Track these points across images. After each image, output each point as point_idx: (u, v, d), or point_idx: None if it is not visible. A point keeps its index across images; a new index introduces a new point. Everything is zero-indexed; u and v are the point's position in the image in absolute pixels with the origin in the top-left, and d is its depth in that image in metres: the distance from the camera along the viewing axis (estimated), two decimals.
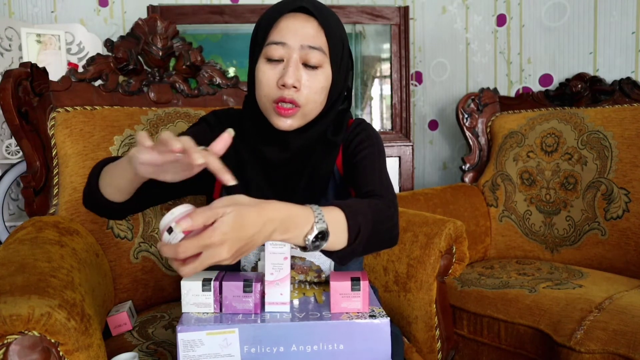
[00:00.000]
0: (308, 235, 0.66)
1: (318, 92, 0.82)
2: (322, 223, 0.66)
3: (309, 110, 0.83)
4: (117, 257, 1.20)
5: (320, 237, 0.66)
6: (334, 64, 0.83)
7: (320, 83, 0.82)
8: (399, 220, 0.82)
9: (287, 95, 0.80)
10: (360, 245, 0.72)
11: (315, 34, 0.81)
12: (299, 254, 0.94)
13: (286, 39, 0.80)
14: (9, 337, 0.68)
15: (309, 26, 0.80)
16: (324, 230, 0.66)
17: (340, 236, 0.70)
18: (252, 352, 0.78)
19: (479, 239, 1.83)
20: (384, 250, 0.82)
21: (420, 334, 1.20)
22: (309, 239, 0.66)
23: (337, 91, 0.86)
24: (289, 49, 0.80)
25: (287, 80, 0.79)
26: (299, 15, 0.81)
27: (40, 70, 1.18)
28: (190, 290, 0.82)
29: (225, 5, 2.07)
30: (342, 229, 0.70)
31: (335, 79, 0.84)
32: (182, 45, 1.44)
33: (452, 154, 2.41)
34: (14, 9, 2.18)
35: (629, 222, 1.56)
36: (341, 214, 0.70)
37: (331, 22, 0.83)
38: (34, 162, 1.17)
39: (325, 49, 0.82)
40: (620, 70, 1.86)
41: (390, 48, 2.16)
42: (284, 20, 0.81)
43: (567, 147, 1.75)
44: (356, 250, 0.73)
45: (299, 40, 0.80)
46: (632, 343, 1.10)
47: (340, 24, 0.86)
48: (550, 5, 2.03)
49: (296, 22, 0.81)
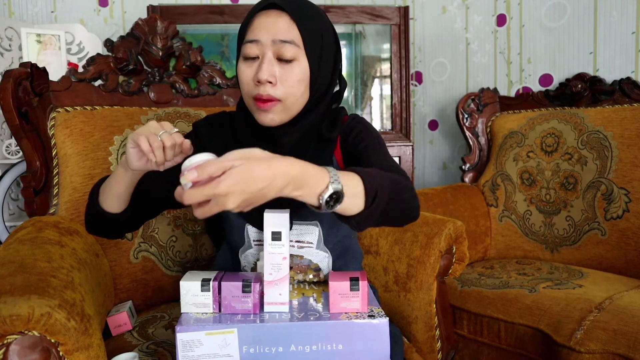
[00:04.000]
0: (323, 194, 0.66)
1: (295, 86, 0.82)
2: (337, 184, 0.66)
3: (291, 104, 0.84)
4: (117, 257, 1.20)
5: (335, 198, 0.66)
6: (311, 56, 0.83)
7: (296, 76, 0.82)
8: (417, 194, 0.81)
9: (263, 92, 0.81)
10: (378, 210, 0.71)
11: (287, 28, 0.81)
12: (297, 253, 0.94)
13: (259, 36, 0.81)
14: (9, 337, 0.68)
15: (281, 21, 0.81)
16: (339, 191, 0.66)
17: (357, 199, 0.69)
18: (251, 352, 0.78)
19: (479, 239, 1.83)
20: (406, 224, 0.83)
21: (420, 334, 1.20)
22: (324, 198, 0.66)
23: (320, 84, 0.86)
24: (262, 45, 0.82)
25: (260, 76, 0.80)
26: (271, 12, 0.82)
27: (40, 70, 1.18)
28: (189, 290, 0.82)
29: (225, 5, 2.06)
30: (358, 192, 0.69)
31: (315, 72, 0.84)
32: (182, 45, 1.44)
33: (452, 154, 2.41)
34: (14, 9, 2.19)
35: (629, 222, 1.56)
36: (357, 178, 0.70)
37: (305, 14, 0.83)
38: (34, 162, 1.17)
39: (299, 41, 0.82)
40: (620, 70, 1.86)
41: (390, 48, 2.16)
42: (257, 18, 0.83)
43: (567, 147, 1.75)
44: (373, 215, 0.71)
45: (271, 35, 0.81)
46: (632, 343, 1.10)
47: (319, 16, 0.86)
48: (550, 5, 2.03)
49: (268, 18, 0.82)
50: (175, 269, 1.29)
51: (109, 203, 0.87)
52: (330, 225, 0.93)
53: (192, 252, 1.32)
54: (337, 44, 0.90)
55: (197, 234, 1.33)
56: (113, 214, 0.89)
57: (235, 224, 0.94)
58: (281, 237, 0.83)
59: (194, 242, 1.33)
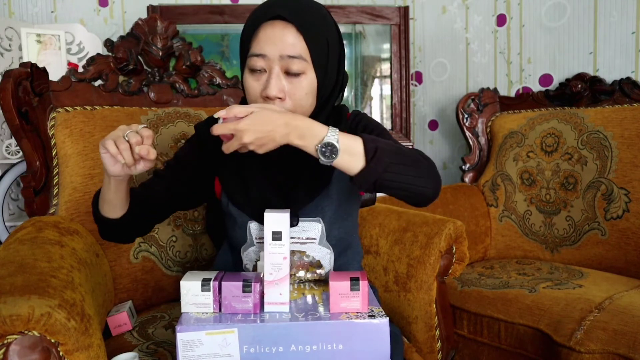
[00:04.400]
0: (318, 145, 0.75)
1: (304, 98, 0.84)
2: (333, 138, 0.75)
3: (300, 114, 0.84)
4: (117, 257, 1.20)
5: (330, 150, 0.75)
6: (318, 68, 0.84)
7: (304, 89, 0.83)
8: (437, 171, 0.83)
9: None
10: (380, 169, 0.75)
11: (294, 42, 0.81)
12: (299, 249, 0.94)
13: (265, 50, 0.81)
14: (9, 337, 0.68)
15: (287, 34, 0.81)
16: (333, 144, 0.74)
17: (357, 157, 0.76)
18: (251, 352, 0.78)
19: (479, 239, 1.83)
20: (425, 200, 0.83)
21: (420, 334, 1.20)
22: (318, 147, 0.75)
23: (327, 89, 0.88)
24: (269, 60, 0.81)
25: (269, 92, 0.81)
26: (276, 24, 0.81)
27: (40, 70, 1.18)
28: (190, 290, 0.82)
29: (225, 5, 2.06)
30: (358, 151, 0.76)
31: (322, 81, 0.85)
32: (182, 45, 1.44)
33: (452, 154, 2.41)
34: (14, 9, 2.19)
35: (629, 222, 1.56)
36: (359, 139, 0.77)
37: (311, 24, 0.82)
38: (34, 162, 1.17)
39: (306, 55, 0.82)
40: (620, 70, 1.86)
41: (390, 48, 2.16)
42: (262, 30, 0.82)
43: (567, 147, 1.75)
44: (375, 171, 0.76)
45: (278, 50, 0.81)
46: (632, 343, 1.10)
47: (324, 21, 0.85)
48: (550, 5, 2.03)
49: (275, 31, 0.81)
50: (175, 269, 1.29)
51: (105, 209, 0.90)
52: (333, 221, 0.94)
53: (192, 252, 1.32)
54: (340, 44, 0.90)
55: (197, 234, 1.33)
56: (113, 220, 0.91)
57: (237, 221, 0.94)
58: (281, 237, 0.83)
59: (194, 242, 1.33)
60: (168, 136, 1.33)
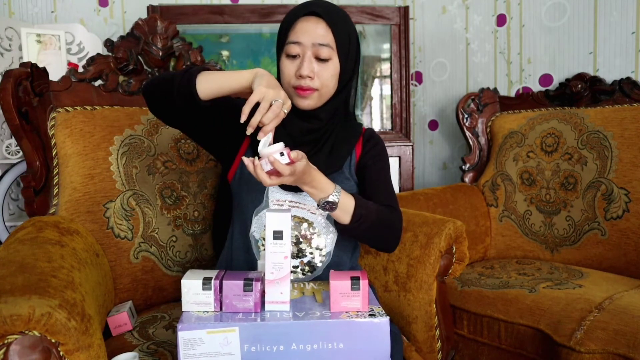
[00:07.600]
0: (323, 199, 0.94)
1: (329, 79, 1.01)
2: (336, 197, 0.94)
3: (324, 93, 1.02)
4: (117, 257, 1.20)
5: (331, 205, 0.94)
6: (341, 55, 1.01)
7: (329, 72, 1.00)
8: (401, 234, 1.06)
9: (304, 84, 0.99)
10: (359, 231, 0.98)
11: (325, 34, 0.99)
12: (308, 218, 1.03)
13: (301, 39, 0.99)
14: (9, 337, 0.68)
15: (319, 27, 0.99)
16: (334, 202, 0.94)
17: (346, 215, 0.96)
18: (252, 350, 0.78)
19: (479, 239, 1.83)
20: (382, 251, 1.11)
21: (420, 333, 1.20)
22: (322, 201, 0.94)
23: (347, 76, 1.05)
24: (303, 47, 0.99)
25: (302, 72, 0.98)
26: (311, 19, 0.99)
27: (40, 70, 1.18)
28: (191, 289, 0.82)
29: (225, 5, 2.06)
30: (349, 210, 0.96)
31: (344, 67, 1.02)
32: (182, 45, 1.44)
33: (452, 154, 2.41)
34: (14, 9, 2.18)
35: (629, 222, 1.56)
36: (353, 201, 0.96)
37: (338, 21, 1.01)
38: (34, 162, 1.17)
39: (333, 44, 1.00)
40: (620, 70, 1.86)
41: (390, 48, 2.16)
42: (299, 23, 1.00)
43: (567, 147, 1.75)
44: (355, 231, 0.99)
45: (311, 39, 0.98)
46: (632, 343, 1.10)
47: (347, 20, 1.04)
48: (550, 5, 2.03)
49: (309, 24, 0.99)
50: (176, 269, 1.29)
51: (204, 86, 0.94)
52: None
53: (192, 252, 1.32)
54: (357, 40, 1.07)
55: (197, 234, 1.33)
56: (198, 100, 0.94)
57: (256, 181, 0.96)
58: (283, 236, 0.83)
59: (194, 242, 1.33)
60: (168, 136, 1.34)
